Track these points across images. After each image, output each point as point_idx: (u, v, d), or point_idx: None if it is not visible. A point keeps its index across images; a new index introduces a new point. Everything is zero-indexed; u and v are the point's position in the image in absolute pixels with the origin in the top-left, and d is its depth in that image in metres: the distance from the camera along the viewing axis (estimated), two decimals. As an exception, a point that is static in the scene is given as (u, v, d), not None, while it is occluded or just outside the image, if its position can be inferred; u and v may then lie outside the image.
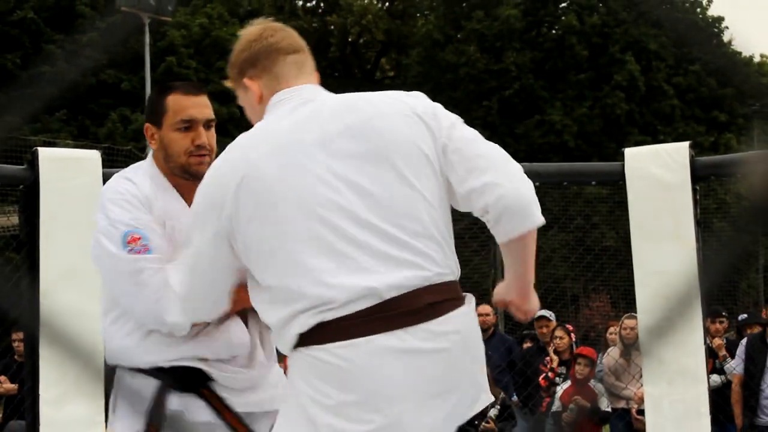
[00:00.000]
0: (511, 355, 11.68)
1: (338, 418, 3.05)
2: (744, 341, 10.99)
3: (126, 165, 3.76)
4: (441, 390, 3.12)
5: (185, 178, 3.84)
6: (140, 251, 3.61)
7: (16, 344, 11.53)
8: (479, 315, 12.18)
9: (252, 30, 3.60)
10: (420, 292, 3.14)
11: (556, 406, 10.77)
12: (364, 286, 3.08)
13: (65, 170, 6.02)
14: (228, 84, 3.60)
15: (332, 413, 3.06)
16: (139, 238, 3.62)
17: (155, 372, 3.71)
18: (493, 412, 10.57)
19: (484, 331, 12.02)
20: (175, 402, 3.72)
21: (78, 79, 32.66)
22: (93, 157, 6.48)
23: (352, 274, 3.09)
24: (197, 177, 3.59)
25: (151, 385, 3.71)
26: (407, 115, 3.36)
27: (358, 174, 3.18)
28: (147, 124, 3.92)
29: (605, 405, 10.90)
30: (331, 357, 3.06)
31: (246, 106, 3.52)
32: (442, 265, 3.22)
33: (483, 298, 19.50)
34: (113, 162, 20.87)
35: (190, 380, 3.71)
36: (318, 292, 3.09)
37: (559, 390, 10.79)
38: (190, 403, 3.73)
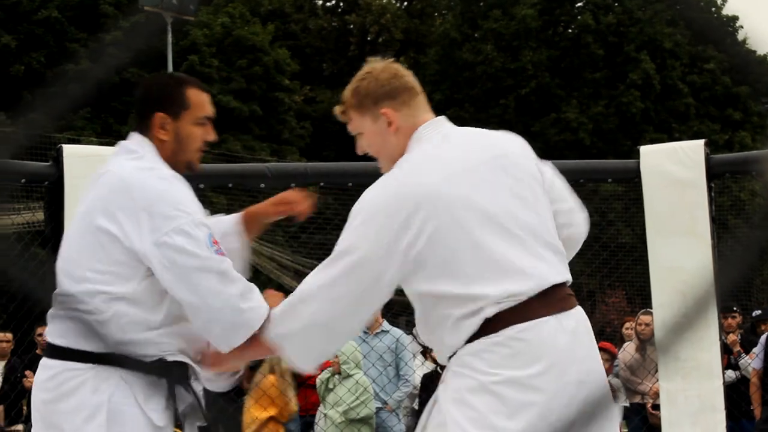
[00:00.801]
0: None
1: (519, 389, 3.48)
2: (763, 338, 10.92)
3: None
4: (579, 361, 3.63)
5: (184, 172, 3.88)
6: (222, 253, 3.70)
7: (41, 339, 11.56)
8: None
9: (386, 67, 3.88)
10: (563, 287, 3.75)
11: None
12: (539, 281, 3.62)
13: (89, 167, 6.03)
14: (345, 110, 3.81)
15: (507, 385, 3.48)
16: (217, 243, 3.72)
17: (161, 364, 3.73)
18: None
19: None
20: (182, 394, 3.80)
21: (102, 77, 32.74)
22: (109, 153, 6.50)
23: (534, 270, 3.62)
24: (193, 172, 3.94)
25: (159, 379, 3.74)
26: (527, 153, 4.00)
27: (514, 197, 3.71)
28: (161, 114, 3.82)
29: (623, 400, 10.86)
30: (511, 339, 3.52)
31: (369, 132, 3.78)
32: (565, 271, 3.81)
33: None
34: (136, 159, 20.90)
35: (183, 374, 3.80)
36: (504, 288, 3.55)
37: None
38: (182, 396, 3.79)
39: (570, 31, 39.92)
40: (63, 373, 3.64)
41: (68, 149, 6.20)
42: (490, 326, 3.54)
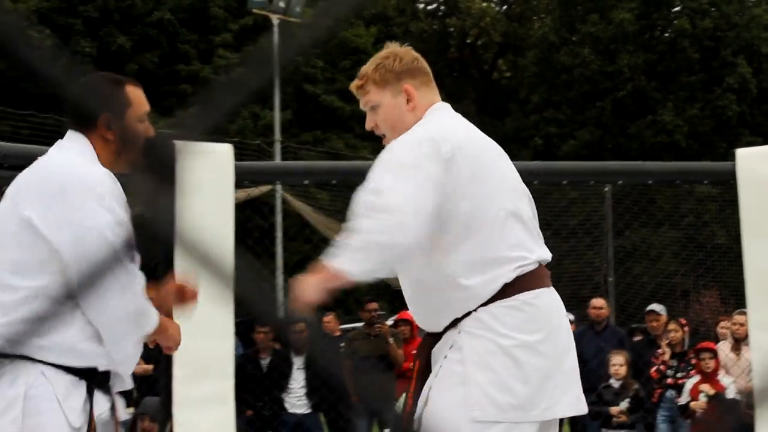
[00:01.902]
0: (623, 346, 11.55)
1: (533, 354, 3.63)
2: None
3: (255, 158, 3.79)
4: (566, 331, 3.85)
5: (126, 171, 3.78)
6: (133, 261, 3.62)
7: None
8: (594, 308, 12.09)
9: (408, 51, 4.01)
10: (545, 267, 3.87)
11: (685, 398, 10.59)
12: (539, 254, 3.79)
13: (199, 161, 6.09)
14: (363, 84, 3.89)
15: (525, 349, 3.61)
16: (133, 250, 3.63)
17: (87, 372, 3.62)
18: (624, 405, 10.42)
19: (597, 323, 11.96)
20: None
21: (211, 77, 33.07)
22: (225, 150, 6.57)
23: (535, 244, 3.81)
24: (134, 170, 3.81)
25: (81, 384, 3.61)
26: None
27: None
28: (106, 115, 3.72)
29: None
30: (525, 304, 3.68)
31: (388, 105, 3.87)
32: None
33: (596, 290, 19.38)
34: (242, 155, 21.07)
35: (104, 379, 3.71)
36: (520, 254, 3.70)
37: (689, 384, 10.59)
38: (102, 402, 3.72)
39: (667, 35, 39.43)
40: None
41: (179, 145, 6.27)
42: (507, 290, 3.67)
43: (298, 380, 10.84)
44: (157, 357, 8.22)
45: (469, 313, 3.67)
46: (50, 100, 31.36)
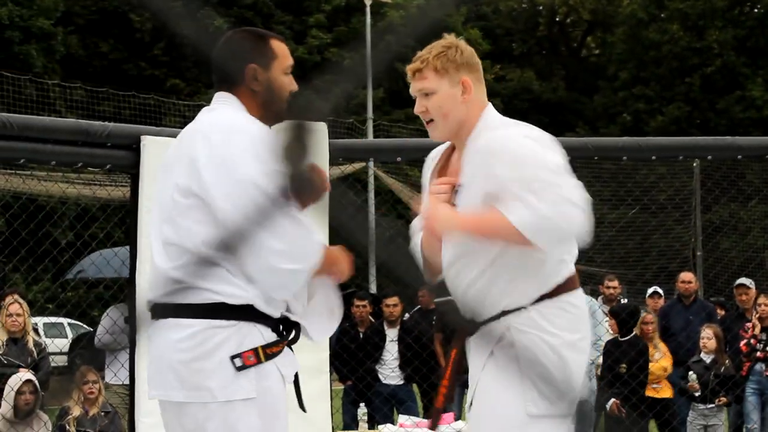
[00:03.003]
0: (711, 320, 11.42)
1: (575, 351, 3.71)
2: None
3: (348, 136, 3.79)
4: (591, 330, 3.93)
5: (273, 123, 3.73)
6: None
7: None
8: (682, 282, 11.97)
9: (466, 44, 3.99)
10: None
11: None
12: (576, 254, 3.84)
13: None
14: (422, 68, 3.90)
15: (570, 348, 3.69)
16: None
17: (286, 322, 3.62)
18: (692, 377, 10.32)
19: (686, 297, 11.84)
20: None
21: (305, 57, 33.22)
22: (321, 128, 6.61)
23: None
24: (282, 122, 3.74)
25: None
26: None
27: None
28: (253, 65, 3.69)
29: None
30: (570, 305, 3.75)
31: (444, 94, 3.86)
32: None
33: (685, 265, 19.16)
34: (336, 133, 21.17)
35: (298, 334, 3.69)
36: (570, 256, 3.78)
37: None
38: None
39: (756, 10, 38.76)
40: (203, 332, 3.44)
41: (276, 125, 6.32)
42: (556, 290, 3.73)
43: (391, 352, 10.90)
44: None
45: (519, 309, 3.70)
46: (150, 81, 31.78)
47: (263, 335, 3.50)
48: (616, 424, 10.23)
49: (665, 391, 10.55)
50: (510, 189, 3.55)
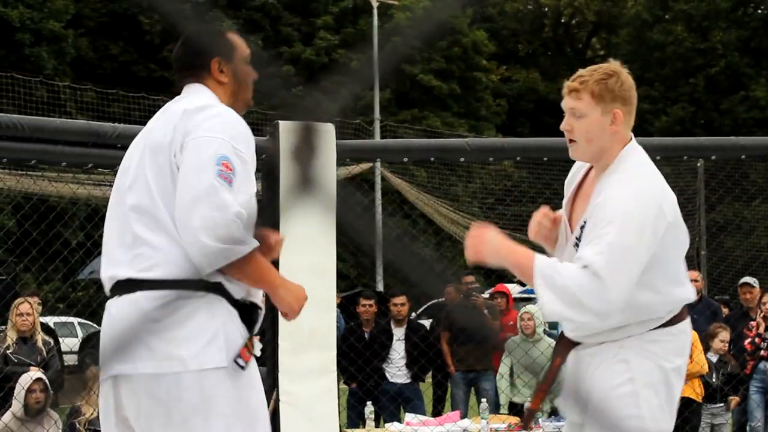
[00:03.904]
0: (716, 318, 11.39)
1: (679, 376, 3.87)
2: None
3: (355, 137, 3.81)
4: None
5: (243, 110, 3.80)
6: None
7: (256, 299, 11.82)
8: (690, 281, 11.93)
9: (629, 76, 3.97)
10: None
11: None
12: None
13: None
14: (580, 89, 3.87)
15: (676, 373, 3.85)
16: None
17: (249, 304, 3.60)
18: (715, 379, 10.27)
19: (692, 295, 11.81)
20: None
21: (312, 58, 33.24)
22: (328, 129, 6.60)
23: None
24: (249, 109, 3.86)
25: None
26: None
27: None
28: (217, 59, 3.76)
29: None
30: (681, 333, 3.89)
31: (594, 120, 3.86)
32: None
33: (689, 264, 19.13)
34: (344, 134, 21.17)
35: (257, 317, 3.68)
36: (686, 295, 3.89)
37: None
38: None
39: (760, 11, 38.72)
40: (174, 302, 3.42)
41: (284, 125, 6.32)
42: (672, 318, 3.84)
43: (398, 351, 10.89)
44: (264, 328, 8.31)
45: (631, 336, 3.84)
46: (160, 83, 31.81)
47: (229, 311, 3.48)
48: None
49: (684, 390, 10.36)
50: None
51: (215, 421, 3.42)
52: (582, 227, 3.83)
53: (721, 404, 10.31)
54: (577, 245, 3.82)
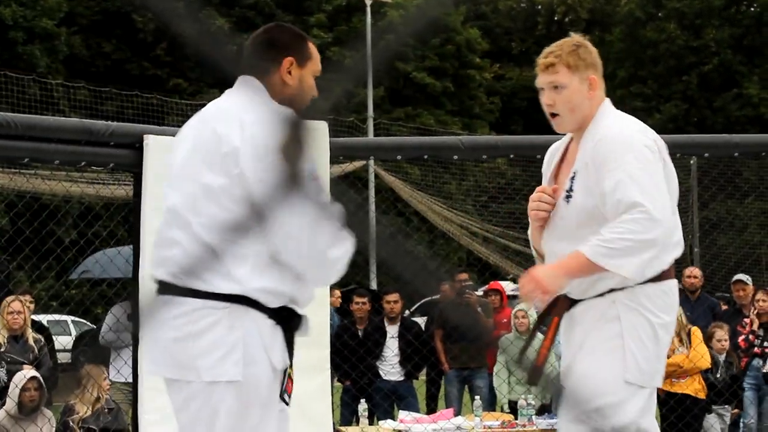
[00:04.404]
0: (714, 315, 11.41)
1: (666, 332, 4.04)
2: None
3: (349, 135, 3.81)
4: None
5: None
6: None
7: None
8: (688, 277, 11.94)
9: (592, 46, 4.27)
10: None
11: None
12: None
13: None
14: (555, 63, 4.10)
15: (664, 329, 4.01)
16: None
17: (285, 312, 3.58)
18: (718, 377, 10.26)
19: (691, 292, 11.81)
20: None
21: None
22: (321, 127, 6.61)
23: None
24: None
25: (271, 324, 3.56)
26: None
27: None
28: (290, 59, 3.71)
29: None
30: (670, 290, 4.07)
31: (573, 89, 4.10)
32: None
33: (682, 261, 19.15)
34: (337, 132, 21.16)
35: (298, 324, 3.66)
36: (679, 247, 4.08)
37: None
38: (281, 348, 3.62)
39: (753, 9, 38.77)
40: (198, 311, 3.42)
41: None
42: (662, 275, 4.01)
43: (391, 348, 10.89)
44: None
45: (625, 288, 3.99)
46: (153, 81, 31.76)
47: (257, 322, 3.46)
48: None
49: (681, 387, 10.28)
50: (603, 195, 3.92)
51: None
52: (573, 178, 4.04)
53: (729, 405, 10.27)
54: (569, 197, 4.04)
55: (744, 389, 10.55)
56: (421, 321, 12.67)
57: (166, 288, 3.53)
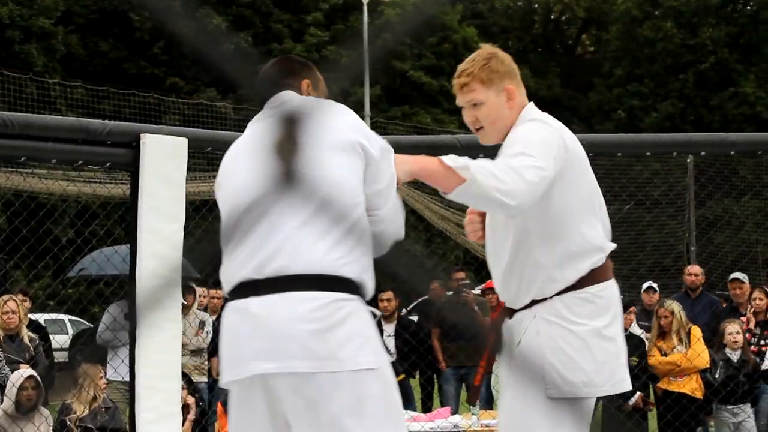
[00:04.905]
0: (716, 313, 11.42)
1: (601, 338, 3.96)
2: None
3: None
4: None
5: None
6: None
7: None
8: (689, 275, 11.94)
9: (504, 52, 4.21)
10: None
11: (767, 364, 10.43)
12: (609, 248, 4.11)
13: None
14: (469, 82, 4.09)
15: (596, 335, 3.94)
16: None
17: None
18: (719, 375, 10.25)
19: (692, 290, 11.81)
20: None
21: (303, 55, 33.19)
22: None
23: (607, 238, 4.14)
24: None
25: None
26: None
27: None
28: (307, 81, 3.93)
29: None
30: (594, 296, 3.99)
31: (492, 103, 4.11)
32: None
33: (678, 260, 19.15)
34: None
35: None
36: (599, 251, 4.03)
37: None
38: None
39: (749, 7, 38.79)
40: (333, 303, 3.47)
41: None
42: (581, 282, 3.98)
43: (389, 347, 10.90)
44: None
45: (545, 299, 3.98)
46: (150, 80, 31.74)
47: (369, 313, 3.61)
48: (612, 418, 10.20)
49: (679, 385, 10.29)
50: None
51: (366, 420, 3.46)
52: None
53: (743, 404, 10.24)
54: None
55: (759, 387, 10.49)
56: (415, 320, 12.68)
57: (288, 284, 3.52)
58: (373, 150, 3.63)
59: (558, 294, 3.97)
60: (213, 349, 11.59)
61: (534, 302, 3.99)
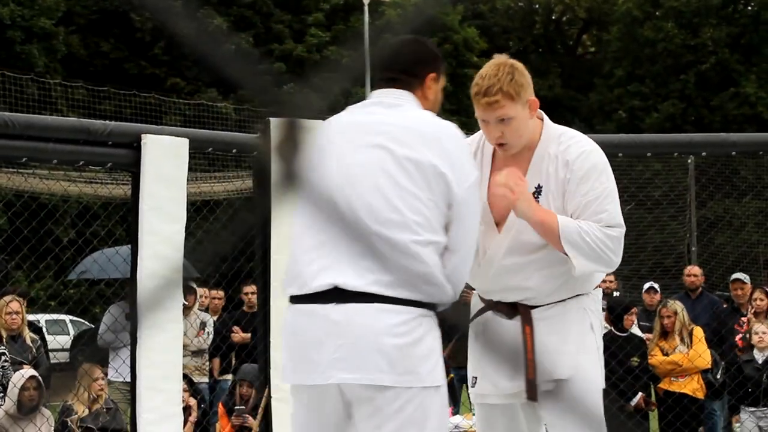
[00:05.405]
0: (714, 313, 11.40)
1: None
2: None
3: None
4: None
5: None
6: None
7: (247, 297, 11.81)
8: (689, 275, 11.93)
9: (515, 61, 4.12)
10: None
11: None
12: None
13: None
14: (499, 98, 3.99)
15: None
16: None
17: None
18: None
19: (692, 290, 11.80)
20: None
21: (304, 55, 33.21)
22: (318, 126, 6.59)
23: None
24: None
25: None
26: None
27: None
28: (433, 74, 3.82)
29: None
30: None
31: (520, 117, 4.03)
32: None
33: (679, 261, 19.15)
34: (335, 131, 21.15)
35: None
36: None
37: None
38: None
39: (750, 8, 38.78)
40: (415, 319, 3.49)
41: (275, 122, 6.31)
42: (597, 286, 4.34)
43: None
44: (255, 326, 8.31)
45: (588, 294, 4.23)
46: (151, 80, 31.74)
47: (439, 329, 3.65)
48: (614, 418, 10.18)
49: (680, 386, 10.25)
50: (582, 203, 4.01)
51: None
52: (538, 192, 4.05)
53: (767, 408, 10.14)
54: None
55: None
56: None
57: (372, 295, 3.50)
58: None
59: (590, 292, 4.27)
60: (214, 350, 11.60)
61: (578, 295, 4.18)
